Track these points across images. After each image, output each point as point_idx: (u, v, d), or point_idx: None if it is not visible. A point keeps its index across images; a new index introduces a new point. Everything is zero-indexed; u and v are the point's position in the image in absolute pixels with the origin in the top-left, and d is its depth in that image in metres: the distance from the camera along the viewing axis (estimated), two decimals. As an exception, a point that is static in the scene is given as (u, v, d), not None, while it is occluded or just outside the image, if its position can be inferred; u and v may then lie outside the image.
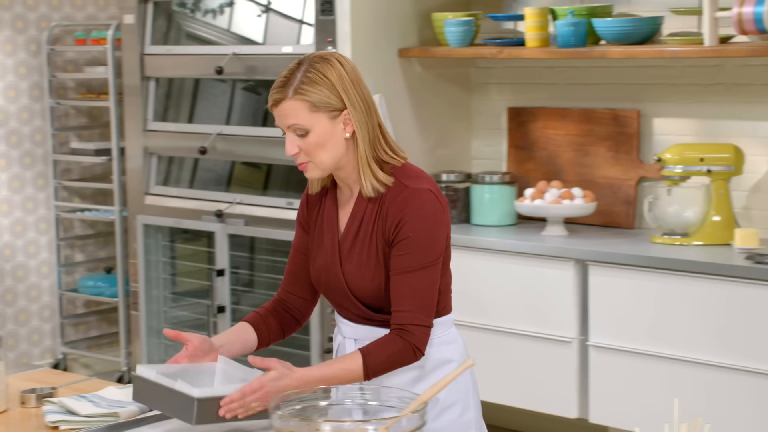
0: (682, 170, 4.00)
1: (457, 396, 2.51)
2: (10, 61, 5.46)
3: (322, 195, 2.56)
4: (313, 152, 2.41)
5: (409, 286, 2.41)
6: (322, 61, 2.41)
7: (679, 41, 3.94)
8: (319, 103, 2.39)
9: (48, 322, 5.64)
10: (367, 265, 2.44)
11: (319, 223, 2.54)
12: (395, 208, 2.42)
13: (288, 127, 2.41)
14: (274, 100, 2.41)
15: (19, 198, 5.52)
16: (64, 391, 2.69)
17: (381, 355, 2.39)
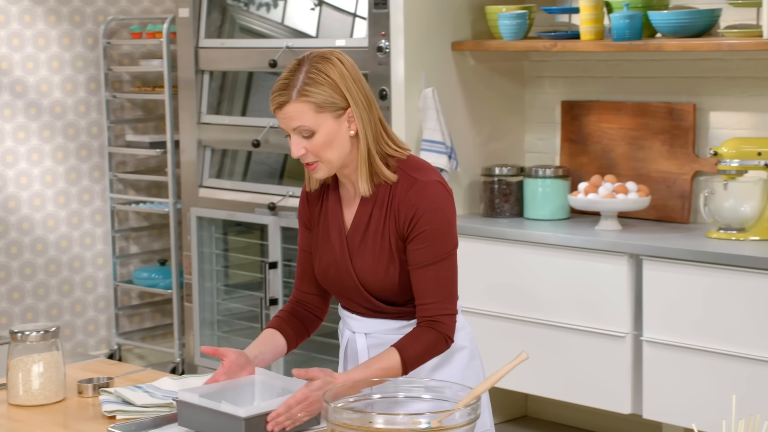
0: (739, 164, 3.95)
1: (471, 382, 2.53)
2: (68, 55, 5.52)
3: (322, 192, 2.55)
4: (320, 152, 2.40)
5: (433, 278, 2.42)
6: (323, 60, 2.40)
7: (736, 34, 3.89)
8: (324, 104, 2.38)
9: (103, 313, 5.70)
10: (380, 259, 2.45)
11: (323, 220, 2.54)
12: (408, 203, 2.42)
13: (293, 130, 2.40)
14: (277, 103, 2.39)
15: (75, 190, 5.59)
16: (120, 381, 2.72)
17: (416, 348, 2.41)
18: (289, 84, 2.39)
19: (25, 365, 2.58)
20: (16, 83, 5.37)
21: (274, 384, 2.41)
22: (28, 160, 5.43)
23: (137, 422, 2.36)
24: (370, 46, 4.43)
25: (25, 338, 2.58)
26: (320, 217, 2.55)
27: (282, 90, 2.39)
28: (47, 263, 5.51)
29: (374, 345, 2.52)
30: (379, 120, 2.45)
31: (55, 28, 5.47)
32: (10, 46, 5.35)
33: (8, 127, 5.37)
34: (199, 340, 5.17)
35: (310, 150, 2.40)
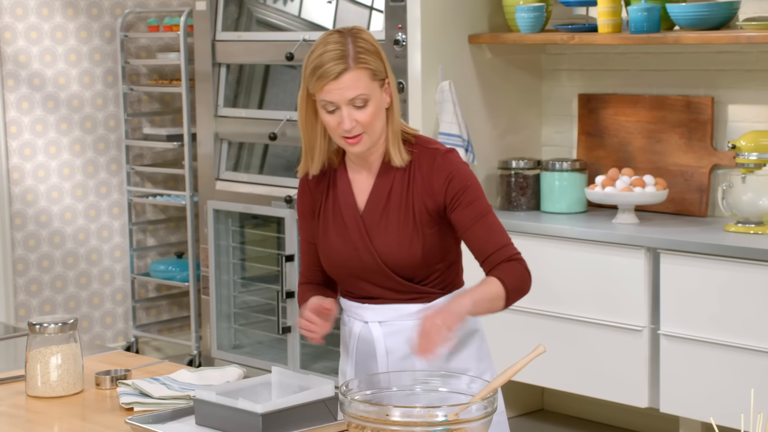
0: (757, 158, 3.93)
1: (485, 364, 2.55)
2: (85, 48, 5.54)
3: (325, 176, 2.53)
4: (370, 123, 2.39)
5: (488, 229, 2.44)
6: (362, 31, 2.41)
7: (755, 26, 3.87)
8: (377, 71, 2.39)
9: (120, 306, 5.72)
10: (404, 233, 2.44)
11: (330, 204, 2.51)
12: (438, 170, 2.43)
13: (349, 100, 2.37)
14: (335, 72, 2.35)
15: (93, 183, 5.61)
16: (138, 373, 2.73)
17: (512, 276, 2.41)
18: (344, 54, 2.36)
19: (43, 357, 2.59)
20: (34, 76, 5.39)
21: (291, 382, 2.41)
22: (45, 153, 5.45)
23: (155, 414, 2.36)
24: (387, 39, 4.43)
25: (44, 330, 2.59)
26: (327, 202, 2.52)
27: (338, 59, 2.35)
28: (65, 256, 5.53)
29: (390, 333, 2.50)
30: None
31: (72, 21, 5.49)
32: (28, 39, 5.37)
33: (26, 120, 5.39)
34: (215, 332, 5.19)
35: (361, 121, 2.38)
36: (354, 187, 2.50)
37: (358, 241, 2.46)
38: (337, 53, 2.36)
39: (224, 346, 5.21)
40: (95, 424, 2.41)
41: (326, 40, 2.39)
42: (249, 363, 4.92)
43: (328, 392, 2.33)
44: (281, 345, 5.01)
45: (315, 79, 2.37)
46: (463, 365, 2.51)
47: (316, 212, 2.54)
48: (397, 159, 2.44)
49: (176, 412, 2.39)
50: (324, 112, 2.40)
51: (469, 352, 2.53)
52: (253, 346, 5.20)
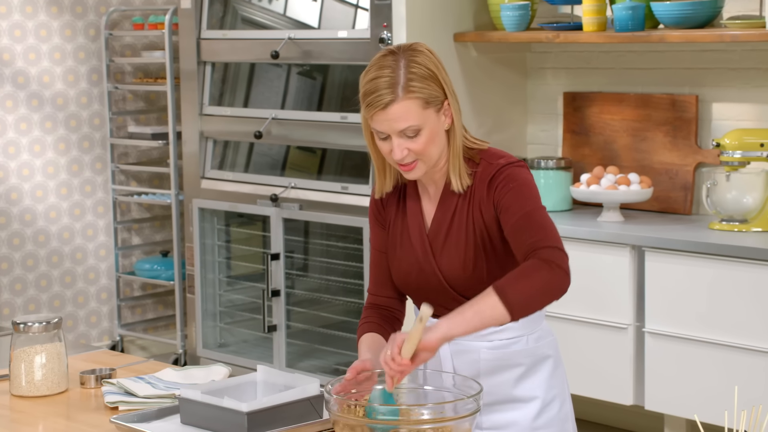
0: (741, 156, 3.95)
1: (556, 391, 2.46)
2: (70, 46, 5.52)
3: (397, 192, 2.44)
4: (424, 151, 2.28)
5: (529, 224, 2.25)
6: (418, 53, 2.29)
7: (739, 25, 3.89)
8: (430, 98, 2.27)
9: (105, 304, 5.71)
10: (467, 254, 2.34)
11: (399, 221, 2.44)
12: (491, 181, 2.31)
13: (400, 131, 2.26)
14: (383, 103, 2.24)
15: (77, 181, 5.59)
16: (123, 372, 2.72)
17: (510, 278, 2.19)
18: (393, 81, 2.23)
19: (27, 356, 2.58)
20: (18, 74, 5.37)
21: (277, 381, 2.41)
22: (30, 152, 5.43)
23: (140, 413, 2.36)
24: (372, 38, 4.43)
25: (28, 329, 2.58)
26: (397, 218, 2.44)
27: (387, 88, 2.23)
28: (49, 255, 5.52)
29: (457, 352, 2.40)
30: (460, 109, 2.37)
31: (56, 19, 5.47)
32: (12, 37, 5.35)
33: (10, 119, 5.37)
34: (201, 331, 5.18)
35: (413, 150, 2.27)
36: (423, 205, 2.42)
37: (423, 261, 2.39)
38: (387, 81, 2.23)
39: (210, 345, 5.20)
40: (80, 424, 2.41)
41: (380, 62, 2.27)
42: (234, 362, 4.91)
43: (314, 391, 2.33)
44: (267, 344, 5.01)
45: (365, 106, 2.27)
46: (532, 393, 2.43)
47: (387, 225, 2.46)
48: (456, 184, 2.33)
49: (161, 411, 2.38)
50: (377, 138, 2.31)
51: (539, 379, 2.44)
52: (238, 345, 5.19)
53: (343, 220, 4.59)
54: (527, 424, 2.42)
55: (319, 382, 2.35)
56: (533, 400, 2.43)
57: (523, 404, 2.43)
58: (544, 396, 2.44)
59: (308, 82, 4.91)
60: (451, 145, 2.34)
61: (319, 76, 4.84)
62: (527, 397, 2.43)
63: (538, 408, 2.43)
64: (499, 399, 2.42)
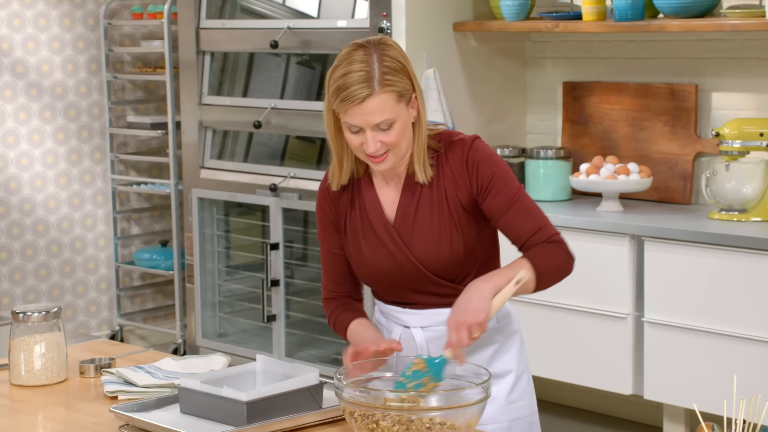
0: (741, 145, 3.95)
1: (524, 365, 2.53)
2: (69, 36, 5.51)
3: (348, 187, 2.45)
4: (396, 143, 2.31)
5: (522, 213, 2.36)
6: (387, 47, 2.30)
7: (739, 14, 3.88)
8: (403, 92, 2.29)
9: (105, 294, 5.71)
10: (442, 233, 2.37)
11: (357, 216, 2.44)
12: (465, 163, 2.37)
13: (375, 125, 2.27)
14: (361, 97, 2.25)
15: (77, 171, 5.59)
16: (122, 361, 2.72)
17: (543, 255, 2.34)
18: (368, 75, 2.25)
19: (27, 345, 2.58)
20: (17, 64, 5.37)
21: (276, 371, 2.41)
22: (29, 141, 5.43)
23: (139, 402, 2.36)
24: (372, 27, 4.42)
25: (27, 319, 2.59)
26: (353, 213, 2.44)
27: (363, 83, 2.24)
28: (48, 244, 5.52)
29: (433, 338, 2.44)
30: None
31: (55, 8, 5.46)
32: (11, 26, 5.34)
33: (9, 108, 5.36)
34: (200, 321, 5.18)
35: (386, 142, 2.29)
36: (381, 198, 2.42)
37: (396, 252, 2.40)
38: (361, 75, 2.25)
39: (209, 335, 5.20)
40: (79, 413, 2.41)
41: (351, 57, 2.28)
42: (234, 351, 4.92)
43: (313, 380, 2.33)
44: (266, 333, 5.02)
45: (339, 101, 2.27)
46: (506, 367, 2.49)
47: (341, 225, 2.46)
48: (420, 175, 2.36)
49: (161, 400, 2.38)
50: (348, 132, 2.31)
51: (511, 354, 2.50)
52: (237, 335, 5.20)
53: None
54: (503, 398, 2.47)
55: (318, 371, 2.35)
56: (507, 374, 2.48)
57: (499, 380, 2.47)
58: (516, 369, 2.50)
59: (307, 72, 4.91)
60: (416, 137, 2.36)
61: (319, 65, 4.84)
62: (502, 372, 2.48)
63: (512, 382, 2.49)
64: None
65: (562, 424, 4.49)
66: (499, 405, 2.46)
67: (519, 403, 2.49)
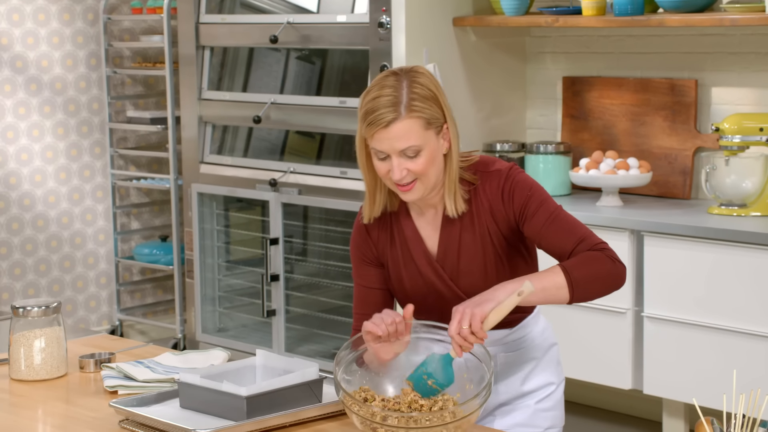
0: (741, 140, 3.95)
1: (562, 376, 2.54)
2: (68, 30, 5.51)
3: (382, 220, 2.41)
4: (423, 172, 2.27)
5: (564, 228, 2.30)
6: (419, 74, 2.29)
7: (739, 9, 3.88)
8: (432, 119, 2.26)
9: (105, 289, 5.71)
10: (487, 269, 2.35)
11: (398, 250, 2.40)
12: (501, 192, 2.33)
13: (400, 151, 2.25)
14: (386, 121, 2.23)
15: (76, 166, 5.59)
16: (122, 356, 2.73)
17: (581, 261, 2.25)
18: (395, 100, 2.23)
19: (26, 340, 2.58)
20: (17, 59, 5.36)
21: (276, 365, 2.41)
22: (28, 136, 5.43)
23: (139, 397, 2.37)
24: (371, 22, 4.42)
25: (27, 313, 2.59)
26: (393, 247, 2.40)
27: (390, 107, 2.23)
28: (48, 239, 5.52)
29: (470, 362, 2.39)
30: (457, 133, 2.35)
31: (54, 3, 5.46)
32: (10, 21, 5.34)
33: (9, 103, 5.36)
34: (200, 316, 5.19)
35: (413, 170, 2.26)
36: (421, 231, 2.39)
37: (442, 287, 2.37)
38: (389, 99, 2.23)
39: (209, 330, 5.21)
40: (79, 408, 2.42)
41: (382, 82, 2.27)
42: (233, 346, 4.92)
43: (313, 375, 2.33)
44: (266, 328, 5.02)
45: (366, 125, 2.26)
46: (546, 380, 2.49)
47: (379, 258, 2.42)
48: (450, 209, 2.32)
49: (160, 395, 2.39)
50: (376, 159, 2.29)
51: (552, 367, 2.50)
52: (237, 330, 5.20)
53: (342, 205, 4.59)
54: (533, 405, 2.47)
55: (317, 366, 2.36)
56: (548, 386, 2.49)
57: (539, 391, 2.49)
58: (557, 381, 2.51)
59: (307, 67, 4.91)
60: (447, 170, 2.32)
61: (318, 60, 4.84)
62: (542, 385, 2.49)
63: (547, 391, 2.50)
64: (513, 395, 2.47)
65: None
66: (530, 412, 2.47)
67: (551, 413, 2.50)
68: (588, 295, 2.28)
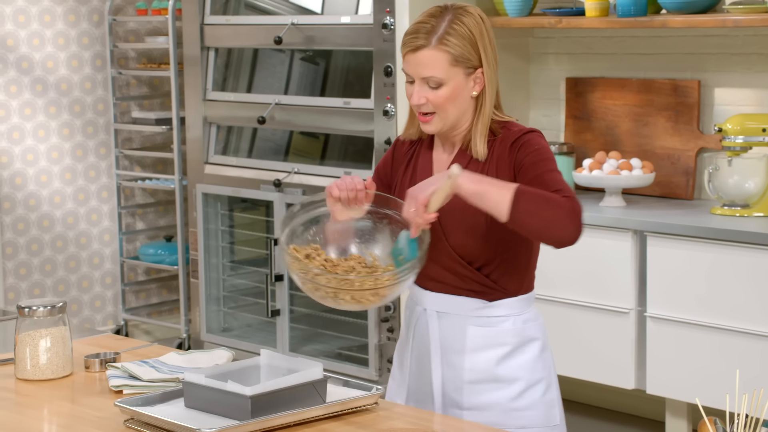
0: (743, 141, 3.95)
1: (541, 375, 2.48)
2: (74, 32, 5.53)
3: (412, 146, 2.51)
4: (441, 105, 2.35)
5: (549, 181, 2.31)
6: (467, 14, 2.36)
7: (741, 10, 3.89)
8: (461, 58, 2.34)
9: (110, 289, 5.73)
10: (474, 214, 2.36)
11: (408, 176, 2.48)
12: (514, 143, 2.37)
13: (422, 78, 2.34)
14: (415, 46, 2.33)
15: (81, 166, 5.61)
16: (127, 356, 2.74)
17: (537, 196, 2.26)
18: (432, 30, 2.33)
19: (32, 340, 2.60)
20: (22, 60, 5.38)
21: (280, 365, 2.42)
22: (34, 137, 5.45)
23: (144, 397, 2.37)
24: (375, 23, 4.43)
25: (33, 313, 2.60)
26: (406, 174, 2.49)
27: (424, 34, 2.33)
28: (54, 239, 5.54)
29: (446, 328, 2.45)
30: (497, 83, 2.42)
31: (60, 4, 5.48)
32: (16, 22, 5.36)
33: (14, 104, 5.38)
34: (205, 316, 5.20)
35: (431, 100, 2.35)
36: (434, 163, 2.47)
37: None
38: (427, 27, 2.34)
39: (213, 329, 5.22)
40: (84, 407, 2.43)
41: (430, 11, 2.37)
42: (238, 346, 4.93)
43: (317, 375, 2.34)
44: (270, 328, 5.03)
45: (402, 44, 2.37)
46: (513, 373, 2.45)
47: (395, 182, 2.51)
48: (477, 151, 2.38)
49: (165, 394, 2.40)
50: (406, 80, 2.39)
51: (523, 360, 2.46)
52: (242, 329, 5.22)
53: (346, 205, 4.60)
54: (507, 404, 2.44)
55: (322, 366, 2.36)
56: (516, 381, 2.45)
57: (506, 384, 2.45)
58: (529, 378, 2.46)
59: (311, 68, 4.92)
60: (479, 113, 2.39)
61: (322, 61, 4.85)
62: (510, 377, 2.45)
63: (520, 389, 2.45)
64: (481, 377, 2.45)
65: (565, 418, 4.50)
66: (502, 411, 2.44)
67: (527, 412, 2.45)
68: (524, 227, 2.27)
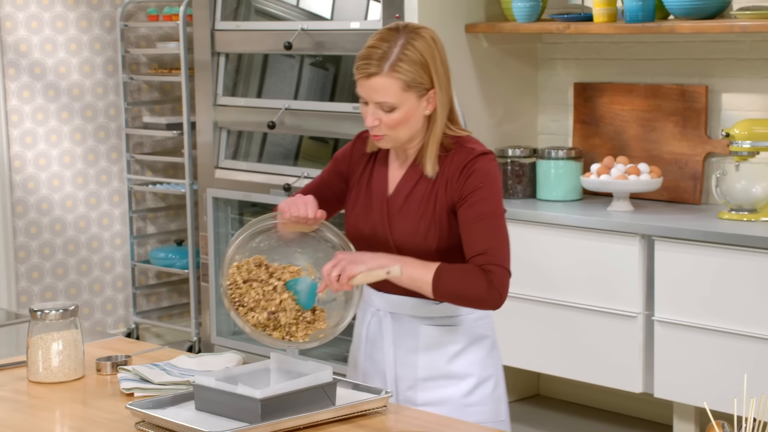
0: (751, 146, 3.97)
1: (491, 371, 2.54)
2: (86, 37, 5.56)
3: (374, 152, 2.55)
4: (394, 127, 2.40)
5: (486, 230, 2.37)
6: (418, 37, 2.38)
7: (749, 15, 3.90)
8: (413, 83, 2.37)
9: (121, 293, 5.76)
10: (421, 223, 2.43)
11: (365, 179, 2.54)
12: (464, 168, 2.41)
13: (376, 103, 2.38)
14: (367, 73, 2.36)
15: (93, 171, 5.64)
16: (138, 359, 2.75)
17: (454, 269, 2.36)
18: (384, 56, 2.35)
19: (44, 343, 2.62)
20: (35, 65, 5.42)
21: (290, 368, 2.43)
22: (46, 142, 5.48)
23: (155, 399, 2.39)
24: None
25: (45, 317, 2.62)
26: (362, 176, 2.54)
27: (376, 60, 2.35)
28: (66, 243, 5.57)
29: (399, 327, 2.51)
30: (451, 101, 2.46)
31: (72, 10, 5.52)
32: (29, 28, 5.40)
33: (27, 109, 5.42)
34: (215, 319, 5.22)
35: (385, 123, 2.39)
36: (390, 172, 2.51)
37: (378, 223, 2.48)
38: (379, 53, 2.35)
39: (223, 333, 5.25)
40: (96, 409, 2.44)
41: (383, 34, 2.38)
42: (248, 349, 4.95)
43: (327, 378, 2.35)
44: (280, 332, 5.04)
45: (355, 68, 2.40)
46: (465, 370, 2.51)
47: (352, 181, 2.56)
48: (428, 168, 2.43)
49: (176, 397, 2.41)
50: (360, 100, 2.43)
51: (474, 357, 2.52)
52: (252, 333, 5.23)
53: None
54: (459, 400, 2.49)
55: (331, 369, 2.38)
56: (468, 377, 2.50)
57: (458, 380, 2.50)
58: (480, 374, 2.51)
59: (321, 73, 4.94)
60: (430, 131, 2.43)
61: (332, 66, 4.87)
62: (462, 373, 2.50)
63: (472, 385, 2.50)
64: (434, 374, 2.50)
65: (573, 421, 4.52)
66: (456, 406, 2.49)
67: (479, 408, 2.51)
68: (448, 301, 2.41)
